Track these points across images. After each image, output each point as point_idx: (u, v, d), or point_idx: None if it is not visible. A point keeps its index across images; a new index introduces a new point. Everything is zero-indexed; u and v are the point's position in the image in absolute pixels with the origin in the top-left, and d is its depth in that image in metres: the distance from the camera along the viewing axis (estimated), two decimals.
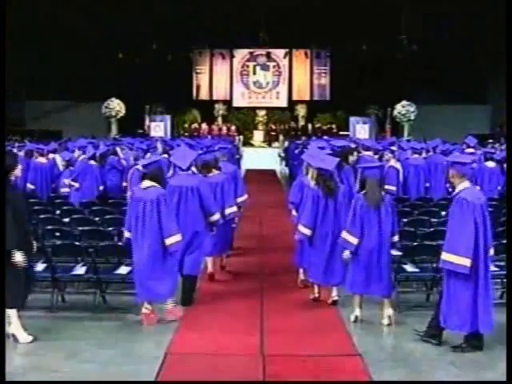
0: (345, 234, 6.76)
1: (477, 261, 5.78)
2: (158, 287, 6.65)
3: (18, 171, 6.25)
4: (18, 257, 5.86)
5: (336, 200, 7.26)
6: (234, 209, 8.66)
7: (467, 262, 5.71)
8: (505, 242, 6.92)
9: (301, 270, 8.02)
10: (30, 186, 11.83)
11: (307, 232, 7.25)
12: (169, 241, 6.63)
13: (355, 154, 10.24)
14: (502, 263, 6.94)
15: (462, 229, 5.78)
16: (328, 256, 7.26)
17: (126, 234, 6.90)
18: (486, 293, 5.86)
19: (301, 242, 7.63)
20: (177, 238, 6.69)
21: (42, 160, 12.20)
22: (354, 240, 6.66)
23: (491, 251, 6.09)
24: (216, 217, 7.60)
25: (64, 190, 11.53)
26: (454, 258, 5.76)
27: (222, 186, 8.43)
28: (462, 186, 5.97)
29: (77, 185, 11.31)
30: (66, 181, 11.51)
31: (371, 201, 6.66)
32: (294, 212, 8.01)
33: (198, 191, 7.36)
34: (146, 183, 6.78)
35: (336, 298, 7.32)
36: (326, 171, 7.25)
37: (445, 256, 5.85)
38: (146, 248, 6.60)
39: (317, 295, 7.53)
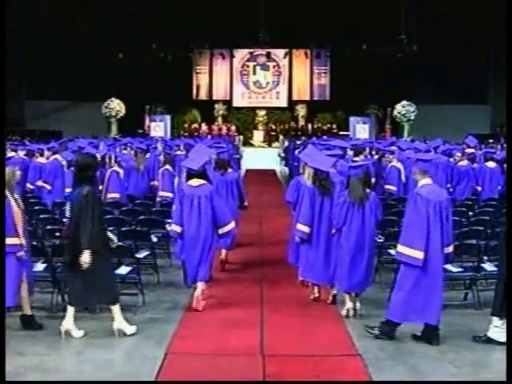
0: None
1: (429, 254, 5.96)
2: (202, 271, 7.23)
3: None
4: (85, 257, 6.05)
5: (332, 199, 7.29)
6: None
7: (420, 254, 5.92)
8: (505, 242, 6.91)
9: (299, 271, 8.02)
10: (29, 186, 11.84)
11: (306, 230, 7.30)
12: (222, 230, 7.34)
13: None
14: None
15: (414, 223, 6.01)
16: (324, 255, 7.31)
17: (176, 228, 7.28)
18: (436, 287, 6.03)
19: (296, 241, 7.65)
20: (230, 226, 7.41)
21: (42, 160, 12.19)
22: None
23: (449, 249, 6.22)
24: (231, 226, 7.51)
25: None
26: (408, 251, 5.99)
27: (238, 183, 9.26)
28: (423, 182, 6.18)
29: (48, 187, 11.40)
30: (39, 183, 11.59)
31: (355, 198, 6.88)
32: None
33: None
34: (197, 181, 7.30)
35: (335, 292, 7.34)
36: (321, 171, 7.32)
37: (399, 248, 6.11)
38: (203, 238, 7.17)
39: (317, 295, 7.56)
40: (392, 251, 7.68)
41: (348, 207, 6.90)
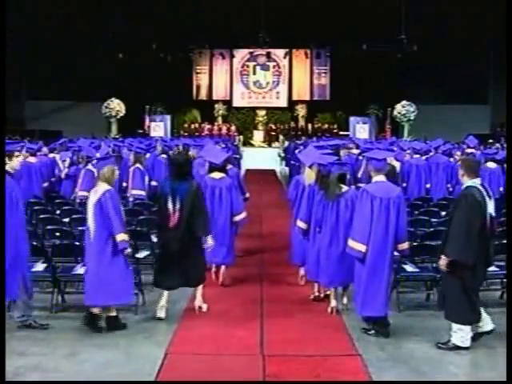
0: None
1: (371, 248, 6.22)
2: (220, 255, 8.13)
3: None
4: (210, 241, 6.94)
5: None
6: None
7: (362, 247, 6.25)
8: (505, 241, 6.92)
9: (301, 269, 8.10)
10: None
11: (303, 226, 7.45)
12: (237, 217, 8.30)
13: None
14: (502, 263, 6.94)
15: (359, 217, 6.34)
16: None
17: None
18: (380, 280, 6.26)
19: (297, 240, 7.90)
20: (242, 215, 8.38)
21: (32, 160, 12.09)
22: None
23: (404, 246, 6.42)
24: (243, 215, 8.43)
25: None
26: (353, 244, 6.35)
27: (238, 178, 10.17)
28: (376, 179, 6.47)
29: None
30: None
31: (329, 195, 7.02)
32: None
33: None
34: (218, 174, 8.32)
35: (328, 292, 7.34)
36: (323, 168, 7.38)
37: (348, 242, 6.44)
38: (222, 222, 8.14)
39: (317, 294, 7.59)
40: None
41: (324, 205, 7.05)
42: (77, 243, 7.65)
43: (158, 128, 28.18)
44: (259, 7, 27.28)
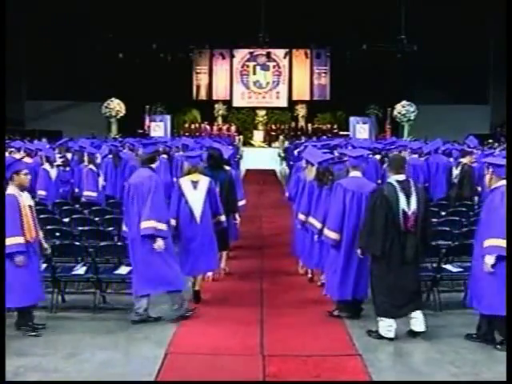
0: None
1: (343, 237, 6.69)
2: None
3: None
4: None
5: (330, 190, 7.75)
6: None
7: (334, 235, 6.75)
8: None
9: (300, 262, 8.60)
10: None
11: (303, 218, 7.91)
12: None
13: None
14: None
15: (333, 208, 6.85)
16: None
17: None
18: (354, 266, 6.70)
19: (298, 232, 8.34)
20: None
21: (28, 160, 12.04)
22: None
23: None
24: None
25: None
26: (327, 232, 6.86)
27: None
28: (352, 174, 7.00)
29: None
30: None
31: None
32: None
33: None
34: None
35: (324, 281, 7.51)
36: (319, 165, 7.88)
37: (324, 231, 6.99)
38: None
39: (310, 276, 8.33)
40: None
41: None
42: (77, 243, 7.67)
43: (158, 128, 28.15)
44: (259, 7, 27.30)
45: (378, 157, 13.31)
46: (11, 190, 6.36)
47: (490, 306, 5.84)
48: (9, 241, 6.16)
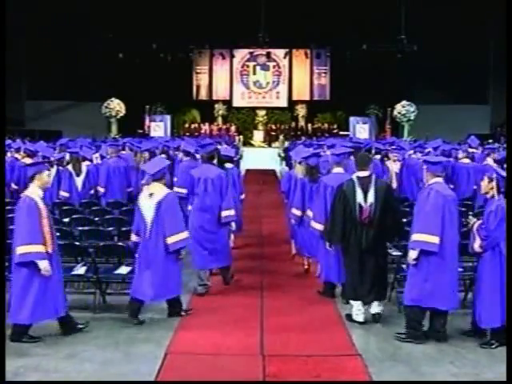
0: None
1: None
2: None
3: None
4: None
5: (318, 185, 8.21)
6: None
7: (319, 226, 7.42)
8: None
9: (292, 245, 9.27)
10: (14, 186, 11.80)
11: (298, 213, 8.52)
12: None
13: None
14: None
15: (315, 202, 7.71)
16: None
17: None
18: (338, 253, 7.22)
19: (294, 225, 8.87)
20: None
21: (28, 161, 12.03)
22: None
23: None
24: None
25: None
26: (314, 224, 7.60)
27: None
28: (334, 171, 7.71)
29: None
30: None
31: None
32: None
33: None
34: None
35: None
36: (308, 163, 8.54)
37: (311, 223, 7.73)
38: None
39: (306, 266, 8.78)
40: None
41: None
42: (77, 243, 7.67)
43: (158, 128, 28.14)
44: (259, 7, 27.29)
45: (378, 157, 13.29)
46: (33, 191, 6.17)
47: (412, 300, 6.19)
48: (25, 249, 5.90)
